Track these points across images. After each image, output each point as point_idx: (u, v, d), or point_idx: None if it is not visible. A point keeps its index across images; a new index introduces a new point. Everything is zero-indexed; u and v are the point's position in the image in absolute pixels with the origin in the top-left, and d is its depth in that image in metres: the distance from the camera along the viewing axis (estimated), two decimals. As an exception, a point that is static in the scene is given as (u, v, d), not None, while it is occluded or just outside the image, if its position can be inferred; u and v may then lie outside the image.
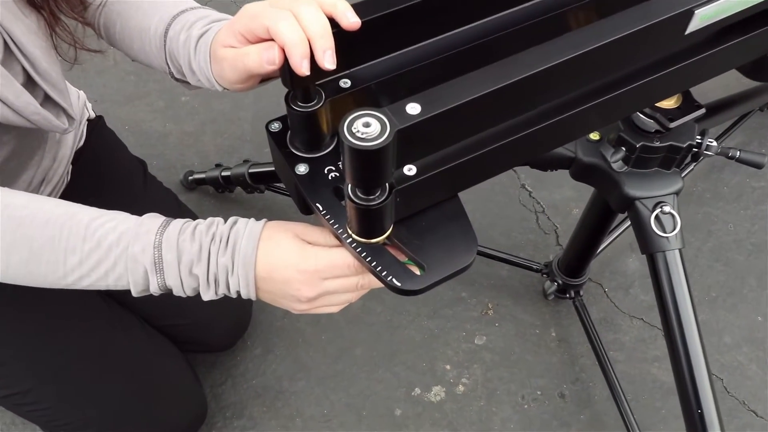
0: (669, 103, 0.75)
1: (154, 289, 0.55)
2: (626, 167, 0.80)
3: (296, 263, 0.52)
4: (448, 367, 1.15)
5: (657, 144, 0.76)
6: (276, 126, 0.56)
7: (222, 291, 0.55)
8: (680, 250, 0.79)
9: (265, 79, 0.59)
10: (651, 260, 0.80)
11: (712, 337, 1.17)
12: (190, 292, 0.55)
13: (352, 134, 0.38)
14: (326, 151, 0.54)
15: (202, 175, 1.31)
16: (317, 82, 0.51)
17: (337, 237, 0.51)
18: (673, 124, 0.73)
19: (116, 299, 0.98)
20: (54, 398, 0.87)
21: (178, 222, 0.55)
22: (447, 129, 0.43)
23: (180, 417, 0.99)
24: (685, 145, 0.76)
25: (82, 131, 0.98)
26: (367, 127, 0.38)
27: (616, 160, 0.79)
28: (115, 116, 1.47)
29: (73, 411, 0.88)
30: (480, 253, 1.18)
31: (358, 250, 0.50)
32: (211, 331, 1.07)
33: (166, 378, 0.98)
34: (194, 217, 1.10)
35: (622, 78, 0.53)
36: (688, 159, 0.80)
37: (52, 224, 0.54)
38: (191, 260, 0.53)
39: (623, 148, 0.78)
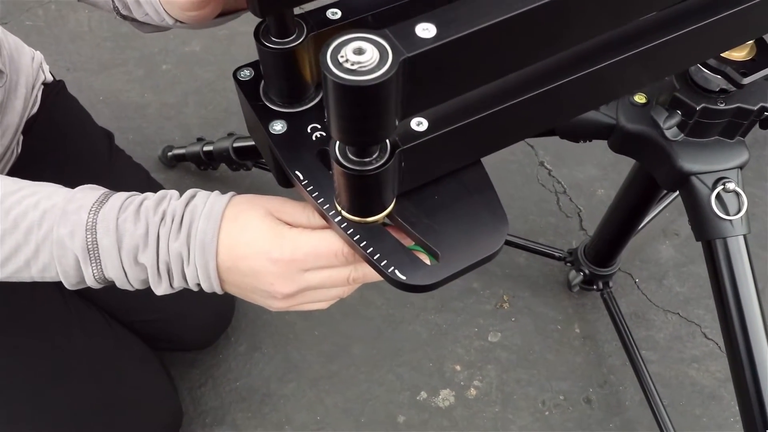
0: (740, 54, 0.60)
1: (91, 282, 0.44)
2: (681, 135, 0.65)
3: (267, 250, 0.41)
4: (458, 367, 1.02)
5: (722, 107, 0.63)
6: (246, 73, 0.45)
7: (178, 283, 0.44)
8: (745, 236, 0.65)
9: (230, 11, 0.46)
10: (708, 249, 0.67)
11: (757, 334, 1.04)
12: (137, 285, 0.44)
13: (339, 65, 0.27)
14: (310, 104, 0.43)
15: (182, 151, 1.17)
16: (296, 10, 0.39)
17: (323, 215, 0.40)
18: (746, 80, 0.59)
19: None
20: None
21: (120, 196, 0.43)
22: (473, 62, 0.31)
23: (151, 425, 0.87)
24: (756, 108, 0.63)
25: (36, 96, 0.85)
26: (359, 55, 0.27)
27: (670, 126, 0.65)
28: (89, 86, 1.34)
29: (24, 424, 0.76)
30: (494, 239, 1.04)
31: (349, 233, 0.39)
32: (187, 326, 0.95)
33: (134, 382, 0.85)
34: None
35: (694, 8, 0.40)
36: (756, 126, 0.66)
37: None
38: (136, 246, 0.42)
39: (679, 112, 0.64)
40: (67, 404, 0.78)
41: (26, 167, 0.82)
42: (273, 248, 0.41)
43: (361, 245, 0.38)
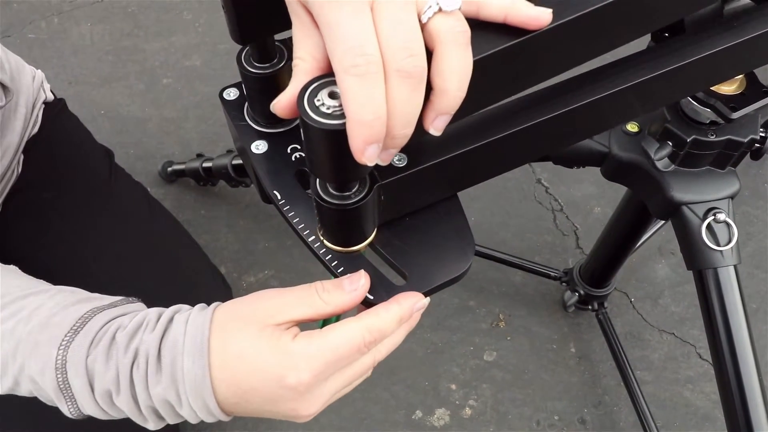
0: (729, 88, 0.61)
1: (78, 416, 0.40)
2: (672, 165, 0.66)
3: (280, 377, 0.35)
4: (453, 386, 1.02)
5: (712, 138, 0.63)
6: (233, 93, 0.46)
7: (174, 420, 0.39)
8: (736, 266, 0.66)
9: None
10: (699, 278, 0.67)
11: (752, 355, 1.04)
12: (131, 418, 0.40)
13: (315, 108, 0.28)
14: (291, 125, 0.44)
15: (182, 167, 1.18)
16: (277, 37, 0.41)
17: (302, 238, 0.40)
18: (735, 114, 0.59)
19: None
20: None
21: (97, 323, 0.39)
22: None
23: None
24: (746, 140, 0.63)
25: (37, 116, 0.86)
26: (334, 99, 0.29)
27: (660, 157, 0.65)
28: (90, 99, 1.34)
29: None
30: (490, 258, 1.05)
31: (327, 258, 0.40)
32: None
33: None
34: (168, 217, 0.91)
35: (686, 42, 0.41)
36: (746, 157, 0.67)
37: None
38: (108, 390, 0.38)
39: (669, 143, 0.65)
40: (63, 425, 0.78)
41: (26, 187, 0.82)
42: (286, 373, 0.35)
43: (339, 270, 0.39)
